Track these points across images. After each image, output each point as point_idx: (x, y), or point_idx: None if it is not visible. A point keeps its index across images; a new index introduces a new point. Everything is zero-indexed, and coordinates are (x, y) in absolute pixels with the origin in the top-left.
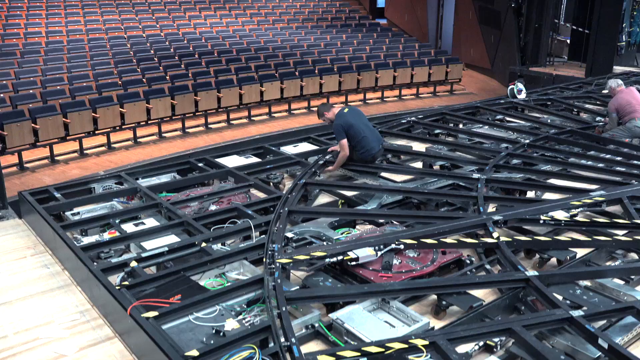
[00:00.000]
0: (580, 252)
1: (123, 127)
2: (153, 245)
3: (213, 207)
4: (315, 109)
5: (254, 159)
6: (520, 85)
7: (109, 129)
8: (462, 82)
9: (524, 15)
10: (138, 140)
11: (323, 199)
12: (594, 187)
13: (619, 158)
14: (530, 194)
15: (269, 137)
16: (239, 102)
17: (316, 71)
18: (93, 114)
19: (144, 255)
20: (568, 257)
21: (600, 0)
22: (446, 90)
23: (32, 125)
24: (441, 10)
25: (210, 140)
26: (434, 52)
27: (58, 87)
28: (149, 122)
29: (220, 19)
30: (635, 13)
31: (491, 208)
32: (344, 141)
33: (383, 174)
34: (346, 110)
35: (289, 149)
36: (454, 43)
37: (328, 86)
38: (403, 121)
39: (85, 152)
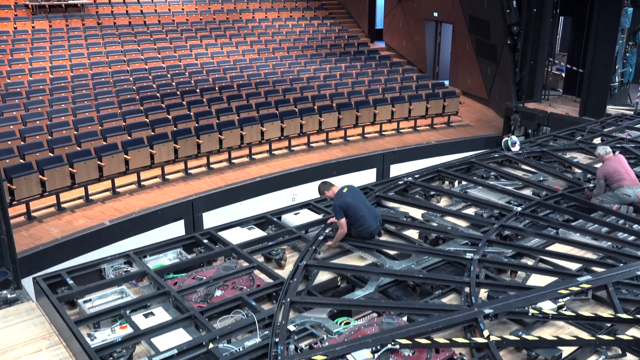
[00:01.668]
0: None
1: (127, 172)
2: (162, 342)
3: (219, 293)
4: (314, 144)
5: (257, 232)
6: (514, 138)
7: (113, 175)
8: (459, 111)
9: (519, 51)
10: (142, 183)
11: (323, 275)
12: (581, 266)
13: (605, 229)
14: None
15: (269, 180)
16: (240, 142)
17: (316, 109)
18: (99, 162)
19: None
20: (555, 355)
21: (594, 42)
22: (443, 122)
23: (40, 176)
24: (439, 37)
25: (213, 183)
26: (431, 84)
27: (64, 132)
28: (152, 166)
29: (220, 47)
30: (628, 54)
31: (483, 292)
32: (343, 220)
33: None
34: (345, 190)
35: (290, 218)
36: (452, 70)
37: (327, 124)
38: (400, 182)
39: (90, 198)
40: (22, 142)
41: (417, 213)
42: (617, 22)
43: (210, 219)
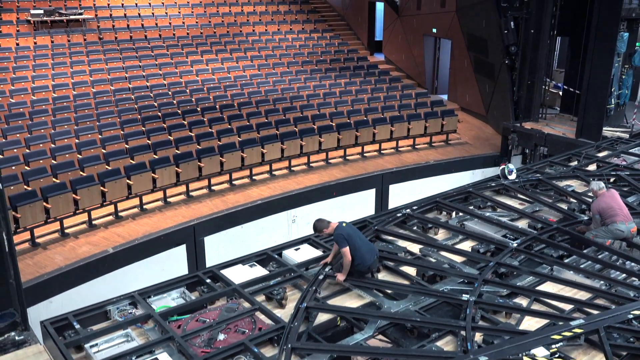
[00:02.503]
0: None
1: (130, 197)
2: None
3: (221, 337)
4: (314, 164)
5: (258, 269)
6: (511, 166)
7: (116, 200)
8: (458, 126)
9: (517, 70)
10: (144, 207)
11: (323, 315)
12: (573, 307)
13: (598, 266)
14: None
15: (269, 203)
16: (241, 164)
17: (316, 129)
18: (102, 188)
19: None
20: None
21: (591, 66)
22: (442, 140)
23: (44, 204)
24: (438, 52)
25: (214, 206)
26: (430, 102)
27: (67, 157)
28: (154, 189)
29: (221, 62)
30: (624, 77)
31: (478, 335)
32: (347, 249)
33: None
34: (344, 224)
35: (291, 254)
36: (450, 85)
37: (327, 144)
38: (398, 214)
39: (93, 222)
40: (26, 167)
41: (415, 247)
42: (612, 47)
43: (212, 242)
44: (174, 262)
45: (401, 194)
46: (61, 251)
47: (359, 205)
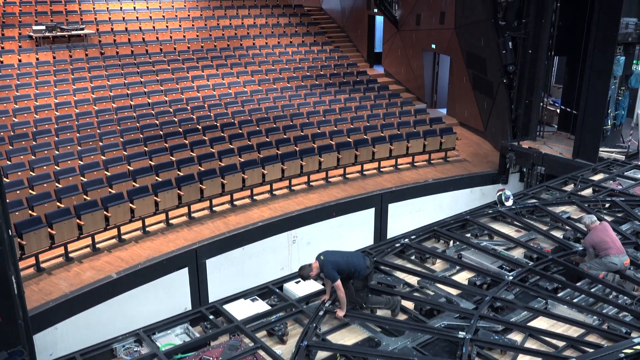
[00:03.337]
0: None
1: (132, 220)
2: None
3: None
4: (314, 182)
5: (260, 304)
6: (508, 193)
7: (119, 223)
8: (456, 143)
9: (515, 89)
10: (147, 229)
11: (324, 352)
12: (566, 343)
13: (592, 300)
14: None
15: (270, 224)
16: (242, 185)
17: (316, 149)
18: (105, 213)
19: None
20: None
21: (587, 90)
22: (440, 157)
23: (49, 230)
24: (437, 67)
25: (215, 228)
26: (429, 119)
27: (71, 180)
28: (157, 212)
29: (222, 77)
30: (620, 98)
31: None
32: (339, 282)
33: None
34: (322, 257)
35: (291, 287)
36: (449, 100)
37: (327, 163)
38: (397, 245)
39: (97, 246)
40: (31, 191)
41: (413, 279)
42: (609, 71)
43: (213, 265)
44: (176, 286)
45: (400, 213)
46: (66, 276)
47: (358, 225)
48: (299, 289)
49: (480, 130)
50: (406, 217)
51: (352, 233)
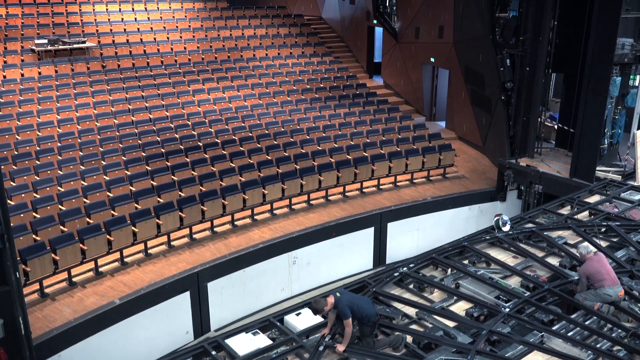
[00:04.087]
0: None
1: (135, 243)
2: None
3: None
4: (314, 201)
5: (261, 338)
6: (505, 218)
7: (122, 247)
8: (455, 158)
9: (513, 105)
10: (149, 252)
11: None
12: None
13: (587, 333)
14: None
15: (270, 246)
16: (243, 205)
17: (316, 168)
18: (108, 237)
19: None
20: None
21: (584, 110)
22: (439, 173)
23: (53, 255)
24: (436, 80)
25: (217, 250)
26: (428, 135)
27: (74, 202)
28: (158, 235)
29: (222, 91)
30: (617, 117)
31: None
32: (350, 320)
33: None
34: (338, 294)
35: (292, 320)
36: (448, 113)
37: (327, 182)
38: (395, 274)
39: (100, 270)
40: (35, 214)
41: (412, 310)
42: (605, 91)
43: (215, 287)
44: (178, 310)
45: (399, 232)
46: (69, 302)
47: (358, 245)
48: (299, 322)
49: (479, 145)
50: (405, 236)
51: (352, 253)
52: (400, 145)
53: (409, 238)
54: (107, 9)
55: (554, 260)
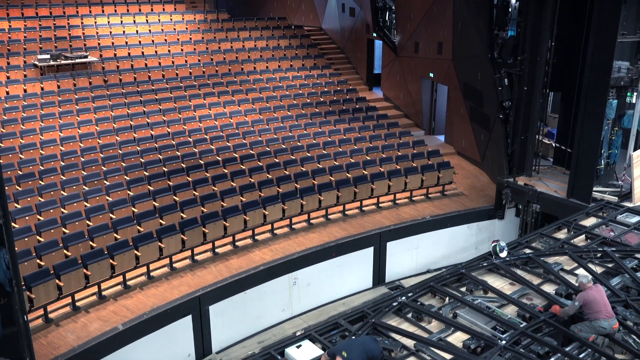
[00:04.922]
0: None
1: (137, 266)
2: None
3: None
4: (314, 220)
5: None
6: (502, 244)
7: (125, 270)
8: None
9: (511, 124)
10: (151, 274)
11: None
12: None
13: None
14: None
15: (271, 268)
16: (243, 227)
17: (316, 188)
18: (111, 261)
19: None
20: None
21: (581, 133)
22: (438, 190)
23: (57, 282)
24: (435, 94)
25: (218, 273)
26: (427, 151)
27: (77, 224)
28: (161, 257)
29: (223, 106)
30: (613, 138)
31: None
32: None
33: None
34: (345, 354)
35: (293, 352)
36: (447, 128)
37: (327, 201)
38: (394, 303)
39: (103, 294)
40: (39, 238)
41: (410, 342)
42: (602, 114)
43: (216, 310)
44: (180, 334)
45: (399, 251)
46: (73, 328)
47: (357, 264)
48: (300, 355)
49: (478, 160)
50: (404, 255)
51: (352, 272)
52: (399, 162)
53: (408, 256)
54: (108, 22)
55: (550, 288)
